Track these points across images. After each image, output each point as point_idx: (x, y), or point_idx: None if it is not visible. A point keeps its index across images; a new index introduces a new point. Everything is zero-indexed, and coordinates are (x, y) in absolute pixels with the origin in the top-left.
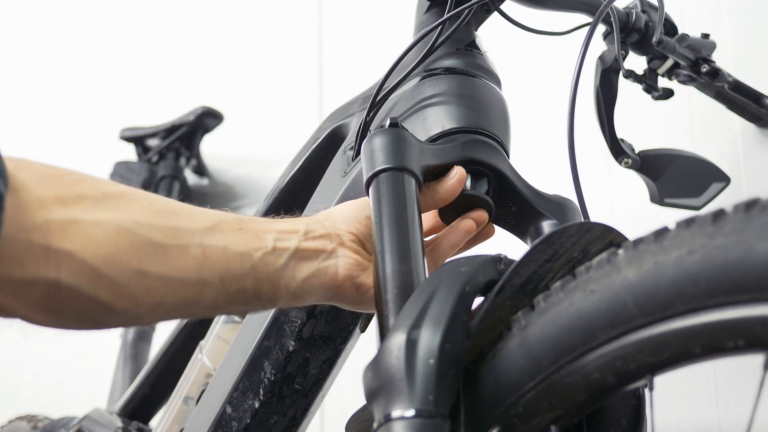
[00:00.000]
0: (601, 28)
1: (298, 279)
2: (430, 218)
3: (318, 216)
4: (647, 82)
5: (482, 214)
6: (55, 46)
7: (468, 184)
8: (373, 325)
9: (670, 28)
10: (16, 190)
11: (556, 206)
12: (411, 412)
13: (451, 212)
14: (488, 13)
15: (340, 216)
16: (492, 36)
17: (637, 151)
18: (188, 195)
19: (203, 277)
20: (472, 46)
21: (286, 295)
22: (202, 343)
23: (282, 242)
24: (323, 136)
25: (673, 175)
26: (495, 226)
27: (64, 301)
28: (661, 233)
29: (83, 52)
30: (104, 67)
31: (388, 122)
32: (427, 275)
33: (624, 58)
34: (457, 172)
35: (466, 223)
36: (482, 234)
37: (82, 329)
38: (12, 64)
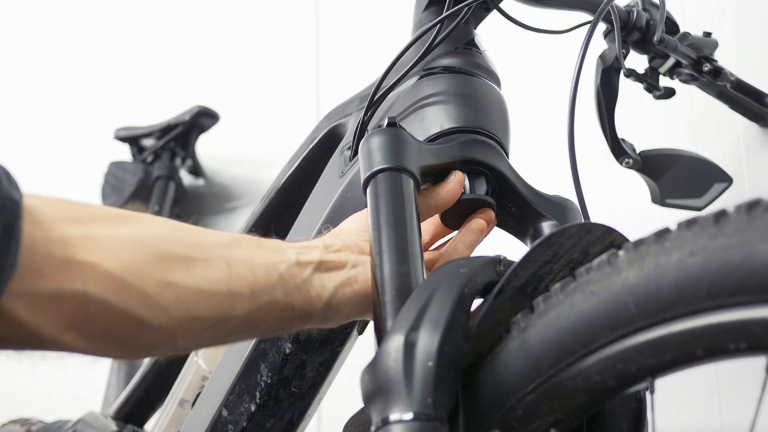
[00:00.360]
0: (601, 27)
1: (329, 288)
2: (431, 225)
3: (331, 233)
4: (648, 81)
5: (490, 213)
6: (49, 46)
7: (467, 186)
8: (371, 327)
9: (671, 26)
10: (28, 211)
11: (556, 207)
12: (409, 416)
13: (453, 217)
14: (487, 11)
15: (352, 229)
16: (491, 34)
17: (638, 151)
18: (184, 195)
19: (232, 289)
20: (471, 45)
21: (320, 307)
22: None
23: (304, 256)
24: (320, 136)
25: (674, 175)
26: (495, 226)
27: (93, 316)
28: (663, 234)
29: (77, 52)
30: (99, 66)
31: (386, 122)
32: (425, 277)
33: (625, 57)
34: (456, 175)
35: (478, 222)
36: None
37: (115, 354)
38: (6, 64)
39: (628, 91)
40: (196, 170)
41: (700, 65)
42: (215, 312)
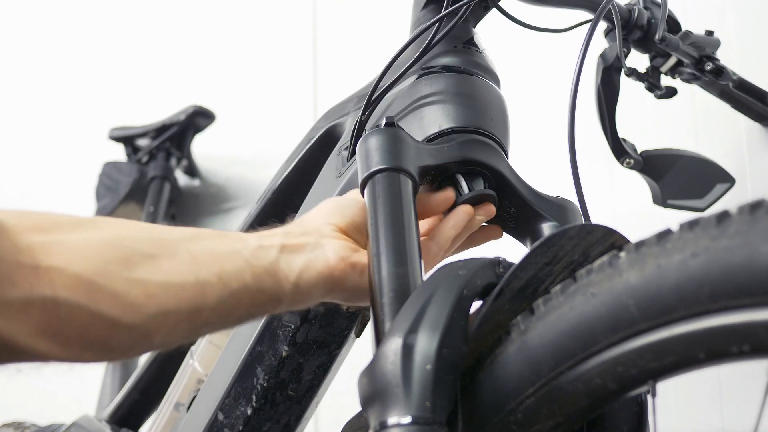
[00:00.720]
0: (602, 25)
1: (295, 270)
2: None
3: (294, 221)
4: (650, 80)
5: (489, 207)
6: (43, 45)
7: (465, 186)
8: (369, 329)
9: (673, 25)
10: None
11: (557, 208)
12: (407, 419)
13: None
14: (487, 9)
15: (316, 215)
16: (491, 33)
17: (639, 151)
18: (179, 196)
19: (201, 278)
20: (470, 44)
21: (290, 289)
22: (193, 348)
23: (266, 240)
24: (317, 136)
25: (676, 175)
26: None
27: (66, 320)
28: (664, 235)
29: (72, 51)
30: (93, 65)
31: (384, 121)
32: (424, 278)
33: (626, 56)
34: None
35: (466, 206)
36: (488, 233)
37: (92, 358)
38: (0, 64)
39: (629, 90)
40: (192, 171)
41: (702, 64)
42: (187, 304)
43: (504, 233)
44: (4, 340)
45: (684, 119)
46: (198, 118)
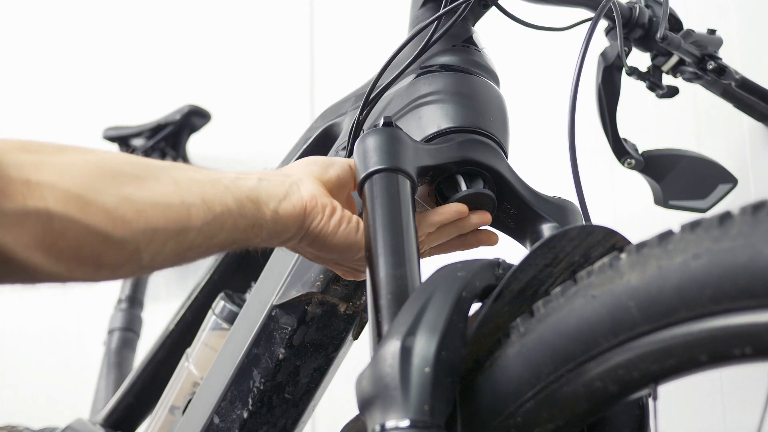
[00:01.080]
0: (603, 24)
1: (274, 200)
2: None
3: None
4: (651, 79)
5: (485, 215)
6: (37, 44)
7: (463, 186)
8: (367, 331)
9: (674, 23)
10: None
11: (557, 208)
12: (406, 423)
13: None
14: (486, 8)
15: (297, 164)
16: (490, 32)
17: (640, 152)
18: None
19: (185, 200)
20: (469, 42)
21: (270, 216)
22: (188, 350)
23: (243, 175)
24: (314, 136)
25: (677, 176)
26: (493, 228)
27: (60, 233)
28: (666, 237)
29: (66, 50)
30: (87, 64)
31: (382, 121)
32: (422, 280)
33: (627, 55)
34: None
35: (458, 205)
36: (481, 238)
37: (85, 274)
38: None
39: (631, 89)
40: None
41: (704, 63)
42: (174, 223)
43: (502, 236)
44: (1, 251)
45: (686, 119)
46: (193, 118)
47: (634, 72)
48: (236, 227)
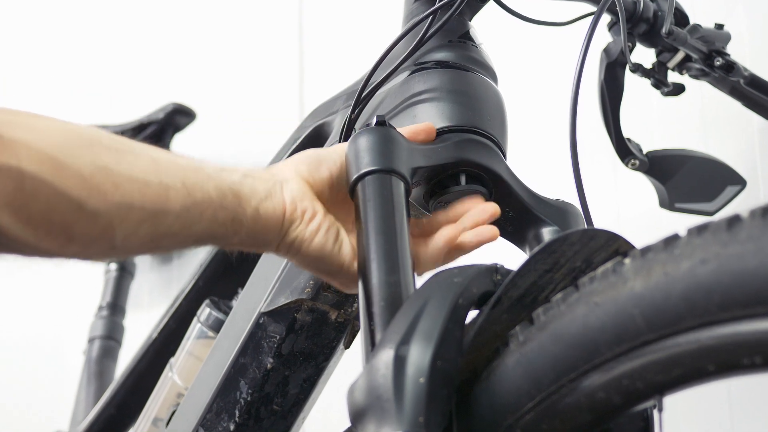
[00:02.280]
0: (605, 18)
1: (257, 197)
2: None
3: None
4: (656, 76)
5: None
6: (14, 40)
7: (462, 181)
8: (359, 340)
9: (680, 18)
10: None
11: (557, 211)
12: None
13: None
14: (483, 1)
15: (287, 162)
16: (487, 27)
17: (644, 152)
18: None
19: (165, 181)
20: (465, 38)
21: (250, 213)
22: (172, 360)
23: (228, 168)
24: (304, 136)
25: (684, 177)
26: None
27: (30, 194)
28: (671, 241)
29: (44, 46)
30: (66, 60)
31: (374, 120)
32: (416, 286)
33: (631, 51)
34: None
35: (483, 213)
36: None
37: (54, 245)
38: None
39: (635, 87)
40: None
41: (712, 59)
42: (151, 203)
43: (500, 240)
44: None
45: (692, 118)
46: (177, 117)
47: (638, 69)
48: (215, 219)
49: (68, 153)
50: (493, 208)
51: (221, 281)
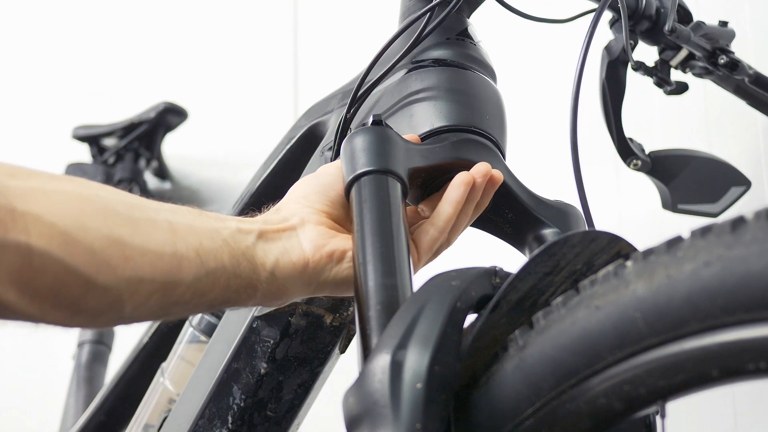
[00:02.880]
0: (607, 15)
1: (271, 258)
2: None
3: (272, 209)
4: (659, 75)
5: (481, 166)
6: (11, 36)
7: None
8: (354, 345)
9: (684, 14)
10: None
11: (558, 213)
12: None
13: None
14: None
15: (296, 196)
16: (486, 24)
17: (647, 152)
18: None
19: (179, 251)
20: (464, 35)
21: (266, 277)
22: (164, 365)
23: (245, 225)
24: (298, 136)
25: (687, 178)
26: (490, 234)
27: (38, 271)
28: (674, 243)
29: (29, 41)
30: (55, 58)
31: (370, 120)
32: (414, 289)
33: (633, 49)
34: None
35: (462, 175)
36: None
37: (60, 318)
38: None
39: (637, 86)
40: (162, 172)
41: (716, 57)
42: (162, 275)
43: (499, 242)
44: None
45: (696, 117)
46: (169, 116)
47: (640, 67)
48: (229, 286)
49: (81, 225)
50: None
51: None
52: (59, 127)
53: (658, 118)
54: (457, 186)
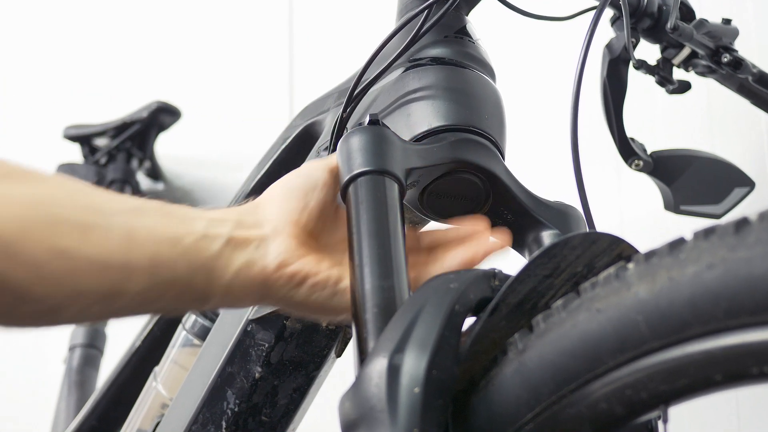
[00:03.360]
0: (608, 13)
1: (231, 271)
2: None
3: (248, 205)
4: (661, 73)
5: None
6: (10, 36)
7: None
8: (351, 348)
9: (686, 12)
10: None
11: (558, 214)
12: None
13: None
14: None
15: (271, 197)
16: (485, 22)
17: (649, 152)
18: None
19: (131, 262)
20: (462, 33)
21: (219, 291)
22: (156, 369)
23: (213, 229)
24: (294, 135)
25: (689, 179)
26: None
27: None
28: (677, 245)
29: (20, 38)
30: (45, 56)
31: (367, 119)
32: (411, 292)
33: (635, 47)
34: None
35: (468, 255)
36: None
37: None
38: None
39: (638, 84)
40: (155, 173)
41: (719, 56)
42: (108, 286)
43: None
44: None
45: (698, 116)
46: (162, 116)
47: (642, 65)
48: (178, 298)
49: (25, 236)
50: (505, 241)
51: None
52: (51, 126)
53: (660, 117)
54: (459, 263)
